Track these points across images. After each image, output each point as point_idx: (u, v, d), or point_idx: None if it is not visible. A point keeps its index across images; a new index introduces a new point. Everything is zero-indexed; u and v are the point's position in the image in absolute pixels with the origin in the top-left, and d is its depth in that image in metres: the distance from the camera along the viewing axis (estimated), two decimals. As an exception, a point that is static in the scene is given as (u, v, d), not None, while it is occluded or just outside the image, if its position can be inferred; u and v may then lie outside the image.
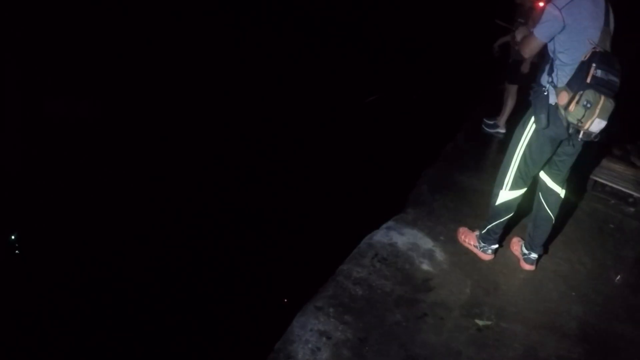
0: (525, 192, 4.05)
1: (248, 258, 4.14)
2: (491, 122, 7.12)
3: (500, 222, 4.12)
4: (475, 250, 4.28)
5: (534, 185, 4.17)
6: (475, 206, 4.96)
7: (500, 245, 4.31)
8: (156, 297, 3.82)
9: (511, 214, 4.11)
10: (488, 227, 4.16)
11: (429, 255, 4.15)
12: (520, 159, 3.90)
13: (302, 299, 3.53)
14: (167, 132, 5.87)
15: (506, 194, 4.03)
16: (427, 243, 4.29)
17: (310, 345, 3.12)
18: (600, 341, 3.75)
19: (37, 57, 6.50)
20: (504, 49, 6.91)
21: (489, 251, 4.24)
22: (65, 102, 5.93)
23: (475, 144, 6.75)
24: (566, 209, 4.77)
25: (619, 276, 4.56)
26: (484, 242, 4.23)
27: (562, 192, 4.14)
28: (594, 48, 3.41)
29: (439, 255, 4.19)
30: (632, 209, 5.90)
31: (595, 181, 5.92)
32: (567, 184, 4.13)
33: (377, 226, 4.37)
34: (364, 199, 5.02)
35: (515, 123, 6.84)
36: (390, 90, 7.90)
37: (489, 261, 4.25)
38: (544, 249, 4.36)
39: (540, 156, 3.87)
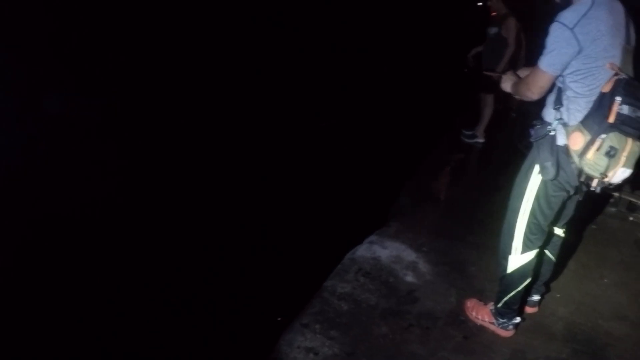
0: (540, 250, 3.41)
1: (234, 277, 4.12)
2: (469, 133, 7.19)
3: (518, 291, 3.40)
4: (493, 328, 3.59)
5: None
6: (456, 216, 5.00)
7: (523, 319, 3.68)
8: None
9: (529, 280, 3.41)
10: (504, 299, 3.45)
11: (413, 267, 4.16)
12: (529, 215, 3.19)
13: (288, 316, 3.54)
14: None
15: (518, 259, 3.31)
16: (410, 255, 4.30)
17: (297, 363, 3.13)
18: (587, 340, 3.76)
19: (36, 56, 6.50)
20: (478, 58, 6.99)
21: (510, 327, 3.56)
22: (66, 100, 5.93)
23: (455, 155, 6.81)
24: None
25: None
26: (502, 318, 3.54)
27: (563, 233, 3.61)
28: (616, 75, 2.72)
29: (423, 266, 4.20)
30: (613, 209, 5.95)
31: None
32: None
33: (359, 241, 4.39)
34: (346, 214, 5.03)
35: (493, 132, 7.03)
36: (367, 105, 7.93)
37: (474, 269, 4.27)
38: (546, 288, 3.93)
39: (553, 208, 3.20)
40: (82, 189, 4.75)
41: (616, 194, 5.95)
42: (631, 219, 5.83)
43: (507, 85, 3.23)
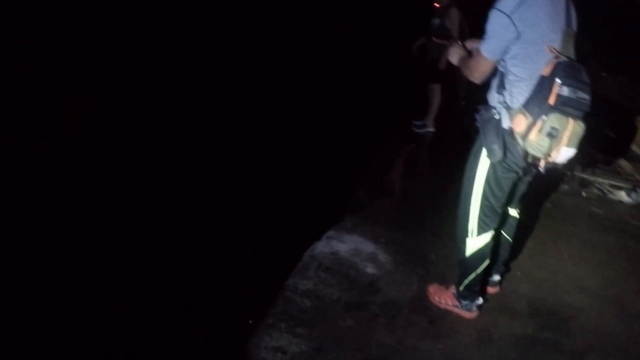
0: (496, 231, 3.45)
1: (234, 277, 4.07)
2: (419, 123, 7.24)
3: (478, 273, 3.45)
4: (457, 310, 3.61)
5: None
6: (412, 206, 5.05)
7: (486, 299, 3.72)
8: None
9: (487, 261, 3.46)
10: (465, 282, 3.49)
11: (372, 259, 4.15)
12: (482, 198, 3.23)
13: (253, 318, 3.52)
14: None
15: (475, 242, 3.36)
16: (368, 247, 4.28)
17: (266, 363, 3.09)
18: (551, 313, 3.82)
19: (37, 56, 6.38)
20: (423, 50, 7.05)
21: (474, 308, 3.60)
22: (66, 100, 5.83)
23: (407, 146, 6.85)
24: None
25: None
26: (465, 300, 3.58)
27: (517, 213, 3.69)
28: (556, 57, 2.78)
29: (382, 257, 4.19)
30: (566, 187, 6.05)
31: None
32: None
33: (318, 237, 4.35)
34: (302, 211, 5.01)
35: (443, 120, 7.09)
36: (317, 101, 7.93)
37: (433, 256, 4.29)
38: (506, 267, 3.97)
39: (504, 189, 3.23)
40: (82, 189, 4.69)
41: (569, 172, 6.06)
42: (584, 194, 5.95)
43: (454, 57, 3.29)
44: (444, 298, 3.68)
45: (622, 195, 5.96)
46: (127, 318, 3.57)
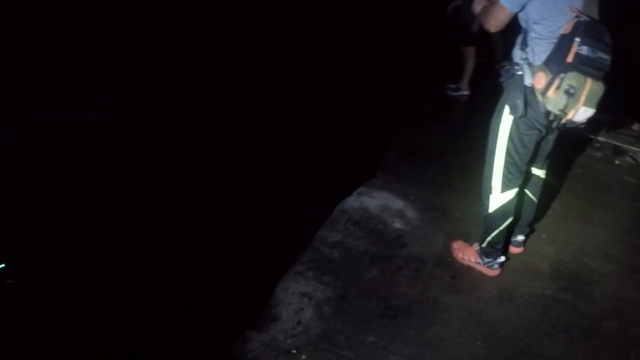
0: (519, 189, 3.51)
1: (234, 277, 4.12)
2: (454, 86, 7.21)
3: (501, 230, 3.51)
4: (479, 267, 3.71)
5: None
6: (441, 165, 5.11)
7: (508, 258, 3.82)
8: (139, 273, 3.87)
9: (511, 219, 3.52)
10: (488, 239, 3.56)
11: (400, 215, 4.24)
12: (505, 155, 3.29)
13: (283, 266, 3.63)
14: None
15: (499, 198, 3.42)
16: (397, 204, 4.38)
17: (293, 307, 3.24)
18: (573, 277, 3.87)
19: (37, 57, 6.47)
20: (456, 11, 7.00)
21: (496, 266, 3.69)
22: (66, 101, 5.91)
23: (440, 108, 6.86)
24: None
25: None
26: (487, 257, 3.66)
27: (543, 174, 3.70)
28: (577, 17, 2.76)
29: (410, 213, 4.28)
30: (599, 154, 6.04)
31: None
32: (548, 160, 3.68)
33: (349, 193, 4.46)
34: (335, 168, 5.07)
35: (478, 83, 7.07)
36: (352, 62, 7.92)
37: (459, 214, 4.37)
38: (530, 228, 4.04)
39: (526, 147, 3.27)
40: (82, 189, 4.75)
41: (601, 139, 6.05)
42: (617, 162, 5.92)
43: (477, 6, 3.33)
44: (467, 254, 3.77)
45: (656, 166, 5.94)
46: (127, 318, 3.57)
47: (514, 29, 3.16)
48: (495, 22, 3.05)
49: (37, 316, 3.54)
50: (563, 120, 2.90)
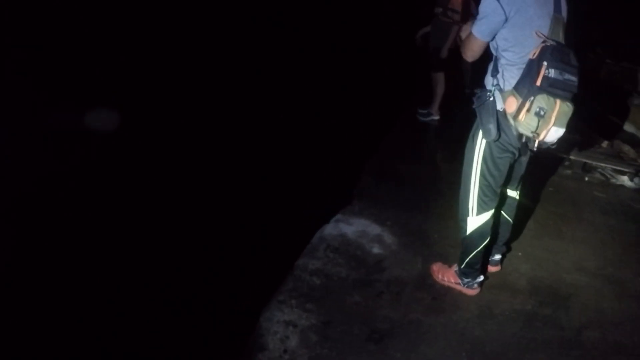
0: (495, 211, 3.61)
1: (234, 277, 4.12)
2: (424, 111, 7.35)
3: (478, 251, 3.60)
4: (459, 288, 3.78)
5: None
6: (416, 190, 5.23)
7: (487, 277, 3.91)
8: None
9: (488, 239, 3.62)
10: (466, 260, 3.64)
11: (378, 240, 4.30)
12: (480, 178, 3.40)
13: (264, 295, 3.63)
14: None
15: (475, 220, 3.52)
16: (374, 229, 4.43)
17: (279, 335, 3.24)
18: (550, 291, 3.96)
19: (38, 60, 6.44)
20: (426, 38, 7.16)
21: (475, 285, 3.76)
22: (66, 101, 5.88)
23: (412, 134, 6.99)
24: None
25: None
26: (466, 278, 3.74)
27: (517, 195, 3.82)
28: (543, 42, 2.92)
29: (388, 238, 4.34)
30: (569, 172, 6.19)
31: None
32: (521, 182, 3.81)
33: (326, 220, 4.50)
34: (310, 195, 5.10)
35: (447, 108, 7.21)
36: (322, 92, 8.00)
37: (437, 237, 4.44)
38: (507, 247, 4.14)
39: (500, 169, 3.39)
40: (82, 189, 4.75)
41: (572, 157, 6.19)
42: (587, 179, 6.09)
43: (464, 34, 3.38)
44: (447, 276, 3.84)
45: (625, 180, 6.09)
46: (127, 318, 3.57)
47: (484, 57, 3.30)
48: (470, 52, 3.23)
49: (37, 316, 3.53)
50: (536, 143, 2.99)
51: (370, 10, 11.29)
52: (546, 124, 2.91)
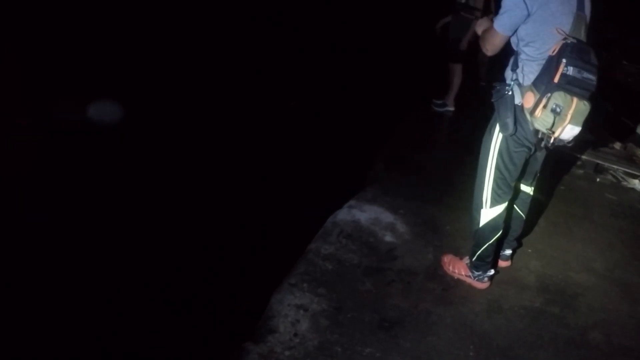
0: (508, 205, 3.61)
1: (234, 277, 4.12)
2: (440, 102, 7.36)
3: (490, 244, 3.61)
4: (469, 280, 3.80)
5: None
6: (430, 180, 5.26)
7: (497, 272, 3.91)
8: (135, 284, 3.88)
9: (500, 233, 3.61)
10: (478, 253, 3.65)
11: (391, 228, 4.33)
12: (495, 171, 3.41)
13: (276, 278, 3.67)
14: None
15: (488, 213, 3.53)
16: (387, 217, 4.47)
17: (289, 319, 3.28)
18: (558, 290, 3.98)
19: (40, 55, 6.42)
20: (446, 29, 7.15)
21: (485, 279, 3.78)
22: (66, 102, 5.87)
23: (426, 123, 7.01)
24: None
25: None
26: (477, 271, 3.75)
27: (531, 191, 3.83)
28: (564, 39, 2.91)
29: (400, 226, 4.37)
30: (581, 171, 6.20)
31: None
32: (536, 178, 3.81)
33: (339, 206, 4.54)
34: (326, 182, 5.14)
35: (463, 100, 7.22)
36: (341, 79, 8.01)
37: (449, 228, 4.47)
38: (518, 243, 4.17)
39: (515, 163, 3.40)
40: (82, 189, 4.74)
41: (584, 157, 6.20)
42: (598, 180, 6.09)
43: (480, 28, 3.39)
44: (458, 268, 3.87)
45: (636, 184, 6.10)
46: (127, 318, 3.58)
47: (504, 51, 3.30)
48: (491, 47, 3.23)
49: (37, 316, 3.55)
50: (552, 139, 3.01)
51: (370, 10, 11.23)
52: (562, 121, 2.92)
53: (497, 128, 3.30)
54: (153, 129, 5.84)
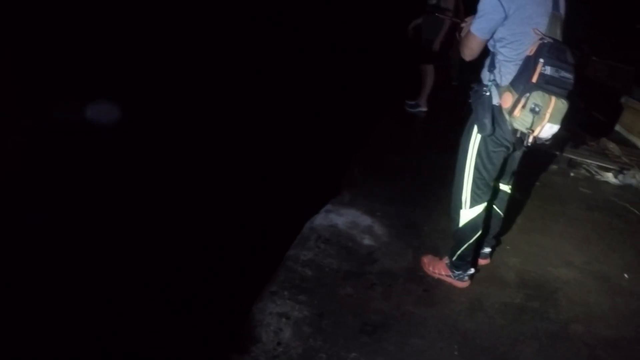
0: (487, 204, 3.62)
1: (234, 277, 4.09)
2: (412, 103, 7.39)
3: (470, 244, 3.63)
4: (450, 280, 3.80)
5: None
6: (406, 182, 5.28)
7: (477, 270, 3.92)
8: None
9: (479, 232, 3.64)
10: (458, 252, 3.67)
11: (369, 231, 4.32)
12: (474, 171, 3.42)
13: (256, 287, 3.64)
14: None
15: (468, 213, 3.54)
16: (365, 220, 4.46)
17: (272, 327, 3.24)
18: (538, 285, 4.00)
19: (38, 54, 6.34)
20: (417, 30, 7.18)
21: (466, 278, 3.78)
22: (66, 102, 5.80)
23: (400, 124, 7.02)
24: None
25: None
26: (457, 270, 3.76)
27: (509, 189, 3.86)
28: (541, 39, 2.94)
29: (378, 229, 4.36)
30: (555, 167, 6.25)
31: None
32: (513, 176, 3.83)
33: (316, 210, 4.52)
34: (301, 187, 5.11)
35: (435, 100, 7.25)
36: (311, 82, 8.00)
37: (427, 229, 4.47)
38: (496, 241, 4.19)
39: (494, 163, 3.41)
40: (82, 189, 4.69)
41: (558, 153, 6.26)
42: (572, 174, 6.15)
43: (464, 32, 3.36)
44: (438, 268, 3.87)
45: (609, 177, 6.17)
46: (127, 318, 3.53)
47: (481, 52, 3.30)
48: (469, 51, 3.22)
49: (37, 316, 3.50)
50: (531, 138, 3.04)
51: (369, 10, 11.28)
52: (541, 120, 2.95)
53: (475, 129, 3.31)
54: (153, 129, 5.79)
